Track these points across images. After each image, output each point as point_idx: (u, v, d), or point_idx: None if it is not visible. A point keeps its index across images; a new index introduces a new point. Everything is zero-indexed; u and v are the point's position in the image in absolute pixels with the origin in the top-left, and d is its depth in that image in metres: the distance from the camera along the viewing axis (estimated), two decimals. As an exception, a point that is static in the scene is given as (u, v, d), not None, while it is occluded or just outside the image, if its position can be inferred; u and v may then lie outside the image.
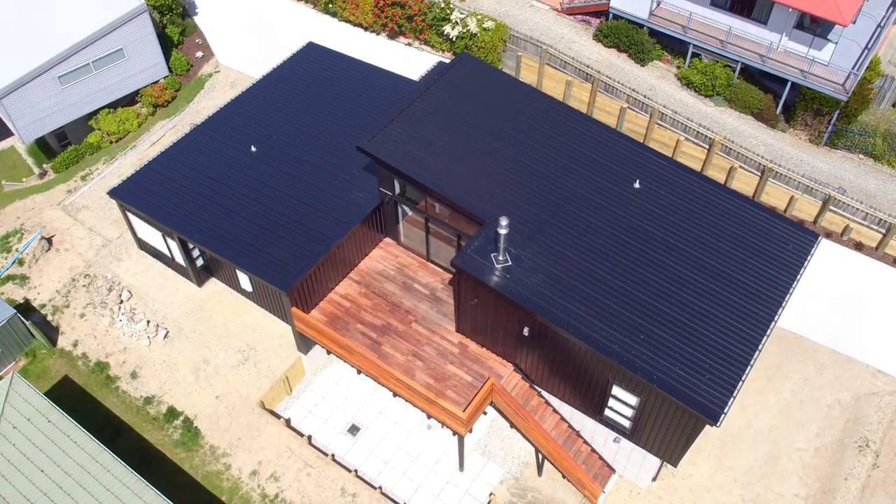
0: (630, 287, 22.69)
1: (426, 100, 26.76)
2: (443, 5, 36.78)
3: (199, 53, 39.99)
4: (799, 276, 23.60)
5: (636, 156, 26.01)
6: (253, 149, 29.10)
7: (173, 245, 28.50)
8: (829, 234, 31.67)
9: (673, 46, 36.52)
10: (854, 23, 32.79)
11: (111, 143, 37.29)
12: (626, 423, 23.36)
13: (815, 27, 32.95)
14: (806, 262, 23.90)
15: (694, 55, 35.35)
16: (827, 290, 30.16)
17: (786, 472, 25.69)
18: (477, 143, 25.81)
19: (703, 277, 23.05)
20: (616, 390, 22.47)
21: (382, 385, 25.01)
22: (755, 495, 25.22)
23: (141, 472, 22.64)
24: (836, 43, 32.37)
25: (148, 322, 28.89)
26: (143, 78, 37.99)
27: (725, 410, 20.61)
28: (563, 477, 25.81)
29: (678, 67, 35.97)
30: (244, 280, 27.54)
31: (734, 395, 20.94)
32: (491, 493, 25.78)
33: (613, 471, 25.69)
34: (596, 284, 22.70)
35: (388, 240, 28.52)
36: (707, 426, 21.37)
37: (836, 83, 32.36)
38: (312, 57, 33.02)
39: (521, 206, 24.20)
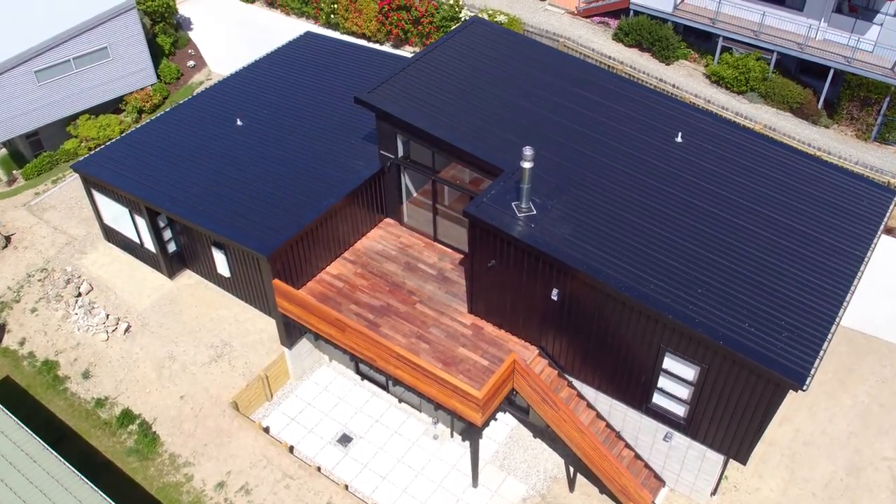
0: (681, 239, 18.80)
1: (435, 55, 23.66)
2: (451, 2, 34.42)
3: (191, 63, 37.45)
4: (879, 232, 19.77)
5: (674, 111, 22.65)
6: (239, 123, 25.87)
7: (142, 225, 24.77)
8: (889, 231, 27.85)
9: (699, 45, 33.89)
10: (894, 15, 30.23)
11: (89, 149, 34.08)
12: (681, 410, 18.88)
13: (856, 12, 30.36)
14: (885, 218, 20.10)
15: (724, 50, 32.63)
16: None
17: (873, 484, 20.91)
18: (493, 97, 22.50)
19: (766, 230, 19.19)
20: (668, 362, 18.15)
21: (380, 369, 20.66)
22: (840, 512, 20.41)
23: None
24: (882, 25, 29.62)
25: (107, 316, 24.75)
26: (129, 83, 35.21)
27: (812, 372, 16.33)
28: (602, 492, 21.06)
29: (706, 65, 33.18)
30: (221, 262, 23.65)
31: (820, 355, 16.70)
32: (511, 512, 20.97)
33: (663, 483, 20.95)
34: (638, 235, 18.82)
35: (389, 220, 24.78)
36: (777, 426, 17.06)
37: (885, 67, 29.38)
38: (309, 43, 30.32)
39: (546, 158, 20.58)
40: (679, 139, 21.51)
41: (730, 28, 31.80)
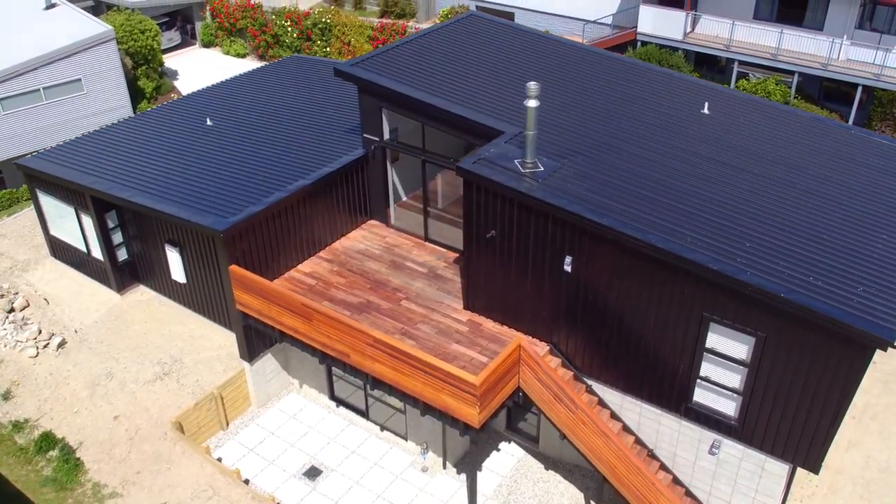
0: (723, 198, 15.63)
1: (428, 37, 21.30)
2: (448, 34, 32.61)
3: (173, 105, 35.39)
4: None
5: (694, 87, 20.15)
6: (208, 122, 23.23)
7: (89, 228, 21.53)
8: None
9: (711, 76, 31.82)
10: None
11: (55, 186, 31.42)
12: (731, 406, 14.97)
13: (879, 27, 28.43)
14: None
15: (740, 76, 30.48)
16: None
17: (976, 519, 16.60)
18: (492, 71, 19.91)
19: (818, 184, 16.16)
20: (714, 338, 14.44)
21: (355, 367, 16.83)
22: (938, 552, 15.98)
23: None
24: (912, 37, 27.64)
25: (40, 331, 21.08)
26: (103, 121, 32.67)
27: (903, 330, 12.69)
28: (631, 529, 16.68)
29: (721, 94, 30.95)
30: (175, 264, 20.28)
31: (909, 312, 13.11)
32: (518, 556, 16.53)
33: (709, 515, 16.63)
34: (672, 193, 15.66)
35: (373, 221, 21.57)
36: (844, 451, 13.28)
37: (920, 80, 27.12)
38: (295, 63, 28.23)
39: (555, 124, 17.72)
40: (706, 110, 18.75)
41: (745, 51, 29.78)
